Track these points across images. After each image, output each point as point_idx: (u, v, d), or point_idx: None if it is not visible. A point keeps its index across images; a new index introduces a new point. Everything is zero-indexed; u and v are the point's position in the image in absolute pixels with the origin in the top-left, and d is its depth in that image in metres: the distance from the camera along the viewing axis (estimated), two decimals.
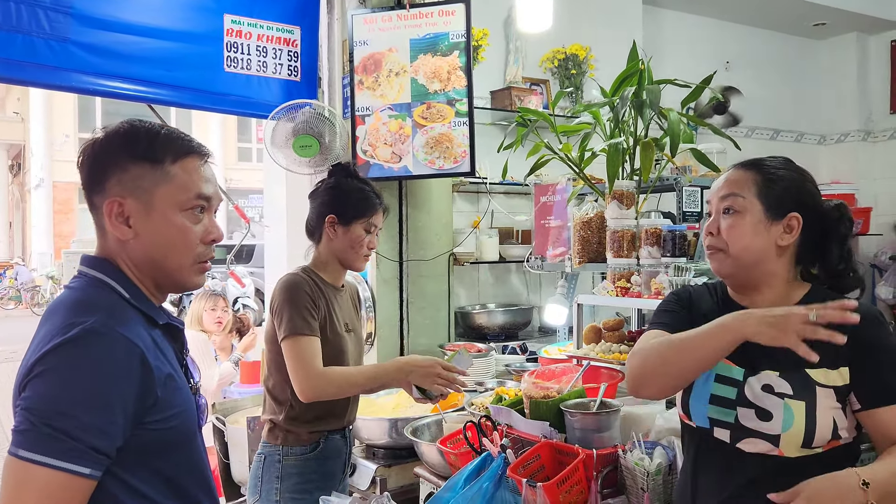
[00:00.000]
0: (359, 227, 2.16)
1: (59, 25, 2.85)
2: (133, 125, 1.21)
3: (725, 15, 5.18)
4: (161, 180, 1.19)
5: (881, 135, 5.69)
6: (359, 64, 3.25)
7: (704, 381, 1.44)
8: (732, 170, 1.50)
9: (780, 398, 1.36)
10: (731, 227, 1.43)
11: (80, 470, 1.01)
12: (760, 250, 1.42)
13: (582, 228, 2.65)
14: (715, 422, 1.43)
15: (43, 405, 1.02)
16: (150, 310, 1.20)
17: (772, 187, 1.43)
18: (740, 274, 1.45)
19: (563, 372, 2.18)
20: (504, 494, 1.86)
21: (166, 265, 1.21)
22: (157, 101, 3.15)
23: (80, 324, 1.06)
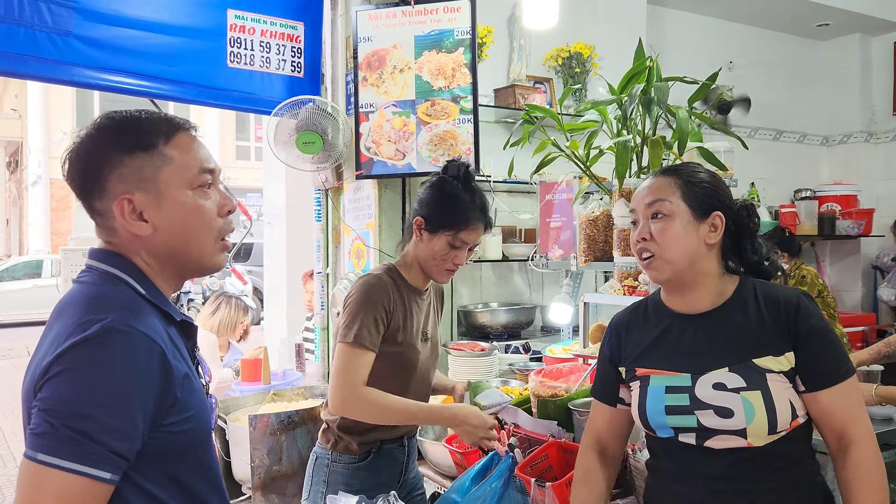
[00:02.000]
0: (443, 239, 1.96)
1: (61, 19, 2.83)
2: (111, 118, 1.16)
3: (728, 15, 5.17)
4: (161, 164, 1.14)
5: (884, 136, 5.68)
6: (363, 60, 3.23)
7: (655, 396, 1.50)
8: (653, 178, 1.57)
9: (735, 393, 1.41)
10: (662, 230, 1.49)
11: (101, 475, 0.98)
12: (693, 250, 1.49)
13: (588, 227, 2.63)
14: (678, 429, 1.48)
15: (62, 407, 0.98)
16: (167, 306, 1.16)
17: (694, 189, 1.51)
18: (677, 277, 1.51)
19: (570, 371, 2.17)
20: (512, 494, 1.84)
21: (190, 250, 1.17)
22: (160, 96, 3.13)
23: (99, 321, 1.01)
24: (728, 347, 1.46)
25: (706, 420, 1.43)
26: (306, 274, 4.15)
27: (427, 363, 2.10)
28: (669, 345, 1.53)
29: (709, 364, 1.46)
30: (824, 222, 5.29)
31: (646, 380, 1.54)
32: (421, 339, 2.06)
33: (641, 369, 1.55)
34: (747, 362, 1.42)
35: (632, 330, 1.62)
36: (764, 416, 1.39)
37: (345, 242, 3.50)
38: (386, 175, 3.23)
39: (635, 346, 1.59)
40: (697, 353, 1.48)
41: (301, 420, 2.74)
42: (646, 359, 1.56)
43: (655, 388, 1.51)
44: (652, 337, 1.57)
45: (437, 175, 2.06)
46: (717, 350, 1.46)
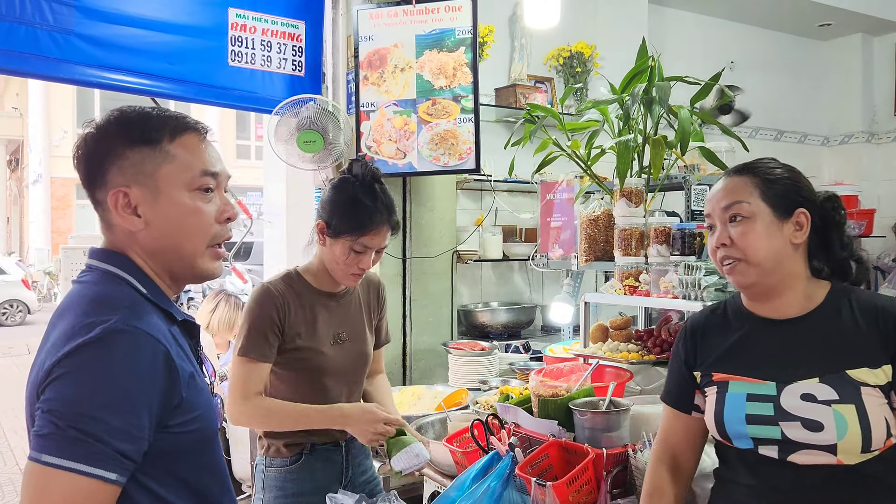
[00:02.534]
0: (345, 244, 1.89)
1: (62, 17, 2.83)
2: (123, 111, 1.15)
3: (730, 14, 5.17)
4: (162, 161, 1.12)
5: (885, 136, 5.67)
6: (364, 59, 3.23)
7: (735, 403, 1.40)
8: (727, 178, 1.47)
9: (826, 405, 1.31)
10: (743, 234, 1.39)
11: (107, 475, 0.96)
12: (779, 251, 1.39)
13: (589, 226, 2.63)
14: (759, 440, 1.38)
15: (67, 408, 0.96)
16: (168, 305, 1.15)
17: (773, 187, 1.41)
18: (763, 281, 1.41)
19: (570, 371, 2.16)
20: (512, 494, 1.84)
21: (182, 251, 1.14)
22: (161, 94, 3.13)
23: (102, 322, 1.00)
24: (819, 357, 1.36)
25: (792, 433, 1.33)
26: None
27: (344, 365, 2.03)
28: (752, 350, 1.44)
29: (797, 373, 1.36)
30: None
31: (724, 385, 1.44)
32: (332, 342, 2.00)
33: (719, 374, 1.46)
34: (840, 373, 1.33)
35: (709, 333, 1.52)
36: (858, 431, 1.29)
37: None
38: (387, 174, 3.19)
39: (713, 349, 1.49)
40: (784, 361, 1.38)
41: None
42: (724, 363, 1.46)
43: (735, 394, 1.41)
44: (732, 341, 1.47)
45: (340, 175, 1.99)
46: (807, 359, 1.36)
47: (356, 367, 2.08)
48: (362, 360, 2.10)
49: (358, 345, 2.07)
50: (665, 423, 1.58)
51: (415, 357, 3.37)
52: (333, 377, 2.01)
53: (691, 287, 2.10)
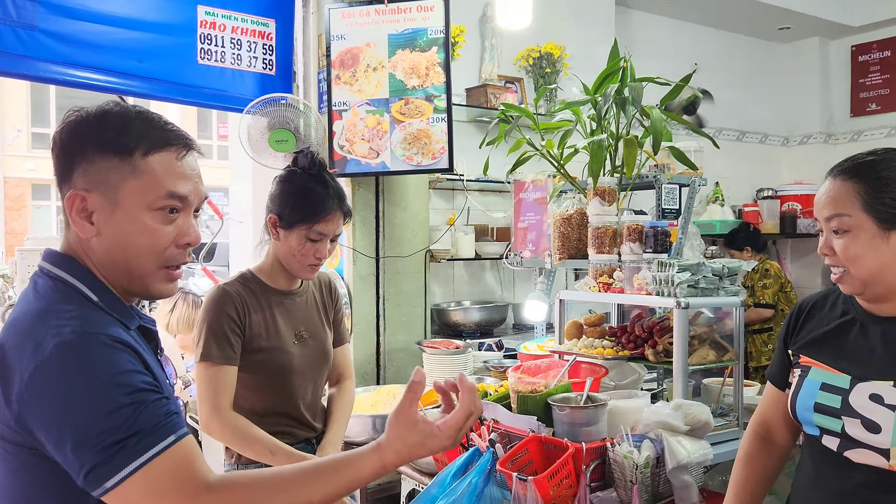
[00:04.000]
0: (300, 234, 1.90)
1: (26, 13, 2.77)
2: (105, 110, 1.10)
3: (694, 17, 5.27)
4: (129, 175, 1.07)
5: (842, 137, 5.84)
6: (336, 58, 3.22)
7: (809, 389, 1.42)
8: (832, 180, 1.37)
9: (891, 410, 1.30)
10: (844, 248, 1.33)
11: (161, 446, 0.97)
12: (884, 265, 1.32)
13: (562, 225, 2.66)
14: (823, 430, 1.39)
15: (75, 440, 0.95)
16: (122, 314, 1.10)
17: (880, 196, 1.31)
18: (870, 291, 1.37)
19: (548, 367, 2.19)
20: (493, 489, 1.85)
21: (129, 269, 1.10)
22: (129, 92, 3.08)
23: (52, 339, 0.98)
24: None
25: (851, 429, 1.34)
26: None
27: (307, 364, 2.03)
28: (842, 341, 1.43)
29: (874, 372, 1.34)
30: (786, 221, 5.43)
31: (806, 370, 1.45)
32: (294, 340, 1.99)
33: (806, 358, 1.47)
34: None
35: (813, 315, 1.51)
36: None
37: None
38: (360, 173, 3.22)
39: (809, 332, 1.49)
40: (867, 357, 1.37)
41: None
42: (813, 348, 1.47)
43: (812, 381, 1.42)
44: (828, 327, 1.46)
45: (287, 168, 1.99)
46: (889, 360, 1.34)
47: (319, 364, 2.08)
48: (325, 358, 2.10)
49: (319, 342, 2.07)
50: (764, 397, 1.63)
51: (388, 356, 3.37)
52: (300, 376, 2.01)
53: (664, 284, 2.15)
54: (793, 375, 1.50)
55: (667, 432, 1.83)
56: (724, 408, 2.26)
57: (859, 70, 5.68)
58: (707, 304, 2.18)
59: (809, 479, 1.46)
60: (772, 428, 1.60)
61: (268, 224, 1.95)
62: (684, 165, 2.65)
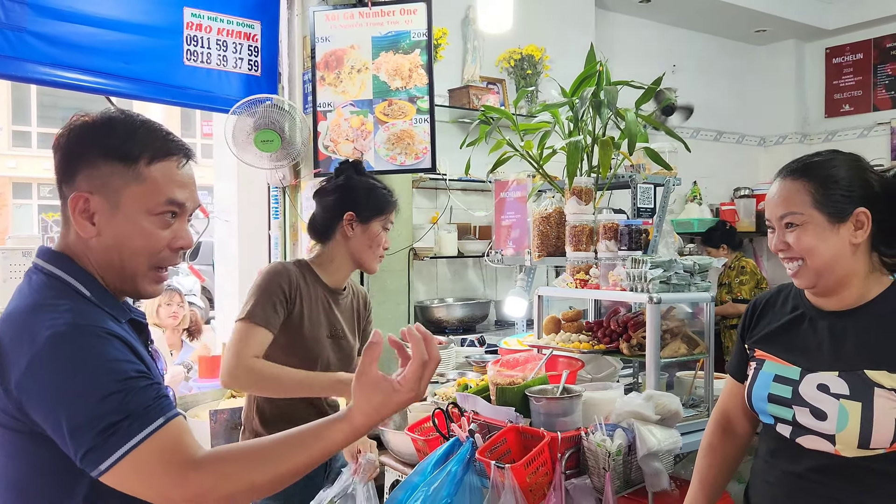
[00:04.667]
0: (377, 225, 2.13)
1: (15, 15, 2.80)
2: (111, 118, 1.16)
3: (672, 20, 5.37)
4: (132, 181, 1.13)
5: (816, 137, 5.98)
6: (321, 60, 3.28)
7: (763, 381, 1.50)
8: (783, 180, 1.45)
9: (835, 398, 1.37)
10: (798, 239, 1.41)
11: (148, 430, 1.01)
12: (835, 255, 1.40)
13: (541, 223, 2.73)
14: (777, 418, 1.48)
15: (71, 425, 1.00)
16: (113, 308, 1.16)
17: (828, 193, 1.40)
18: (822, 283, 1.44)
19: (526, 360, 2.27)
20: (472, 477, 1.93)
21: (123, 269, 1.16)
22: (116, 93, 3.13)
23: (45, 331, 1.03)
24: (846, 352, 1.40)
25: (801, 417, 1.42)
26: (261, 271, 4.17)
27: (336, 360, 2.13)
28: (793, 335, 1.50)
29: (821, 364, 1.42)
30: (761, 219, 5.55)
31: (761, 363, 1.53)
32: (328, 335, 2.10)
33: (760, 351, 1.55)
34: (859, 372, 1.37)
35: (766, 311, 1.60)
36: (857, 427, 1.35)
37: (302, 239, 3.55)
38: None
39: (763, 327, 1.57)
40: (815, 350, 1.45)
41: None
42: (767, 342, 1.55)
43: (766, 373, 1.50)
44: (780, 322, 1.54)
45: (341, 176, 2.17)
46: (835, 352, 1.42)
47: (345, 366, 2.17)
48: (350, 360, 2.20)
49: (349, 345, 2.19)
50: (725, 389, 1.70)
51: None
52: (326, 369, 2.10)
53: (638, 280, 2.23)
54: (749, 368, 1.58)
55: (638, 421, 1.91)
56: (695, 399, 2.35)
57: (833, 72, 5.82)
58: (679, 299, 2.27)
59: (765, 464, 1.55)
60: (732, 418, 1.67)
61: (343, 223, 2.10)
62: (659, 165, 2.74)
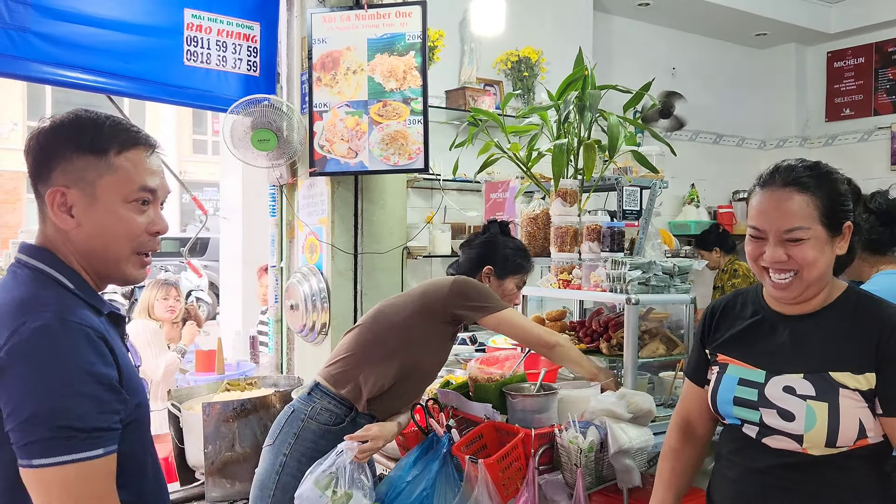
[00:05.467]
0: (511, 283, 2.38)
1: (18, 15, 2.87)
2: (78, 116, 1.22)
3: (672, 23, 5.39)
4: (105, 171, 1.19)
5: (817, 141, 5.99)
6: (317, 61, 3.34)
7: (727, 385, 1.53)
8: (783, 191, 1.43)
9: (802, 400, 1.40)
10: (803, 254, 1.40)
11: (92, 454, 1.07)
12: (826, 266, 1.44)
13: (529, 224, 2.79)
14: (743, 420, 1.51)
15: (29, 413, 1.05)
16: (94, 300, 1.21)
17: (834, 208, 1.42)
18: (807, 293, 1.46)
19: (506, 358, 2.32)
20: (449, 471, 1.99)
21: (107, 256, 1.22)
22: (117, 92, 3.19)
23: (33, 321, 1.08)
24: (809, 354, 1.44)
25: (768, 419, 1.45)
26: (261, 268, 4.25)
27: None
28: (755, 339, 1.53)
29: (786, 366, 1.45)
30: None
31: (724, 367, 1.55)
32: None
33: (723, 356, 1.57)
34: (823, 373, 1.41)
35: (725, 316, 1.61)
36: (825, 427, 1.38)
37: (298, 237, 3.61)
38: (339, 172, 3.34)
39: (724, 332, 1.59)
40: (779, 353, 1.48)
41: (253, 408, 2.83)
42: (729, 347, 1.57)
43: (730, 377, 1.52)
44: (741, 327, 1.56)
45: (488, 234, 2.44)
46: (798, 355, 1.45)
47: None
48: None
49: None
50: (684, 393, 1.73)
51: None
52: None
53: (617, 281, 2.28)
54: (711, 373, 1.60)
55: (610, 419, 1.95)
56: (675, 399, 2.39)
57: (834, 76, 5.82)
58: (657, 300, 2.31)
59: (728, 462, 1.58)
60: (692, 421, 1.69)
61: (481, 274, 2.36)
62: (646, 168, 2.78)
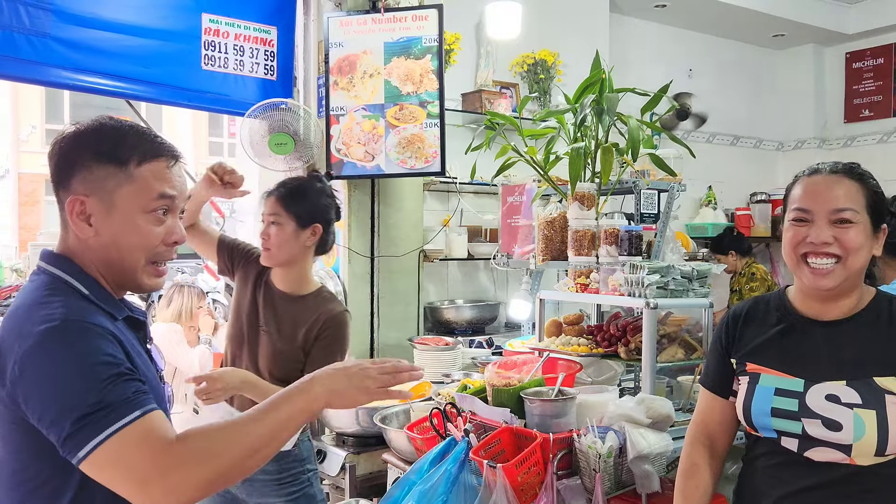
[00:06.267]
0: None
1: (39, 21, 2.91)
2: (102, 124, 1.23)
3: (689, 24, 5.36)
4: (124, 182, 1.20)
5: (836, 143, 5.93)
6: (334, 65, 3.35)
7: (763, 395, 1.48)
8: (835, 175, 1.46)
9: (849, 408, 1.38)
10: (852, 237, 1.41)
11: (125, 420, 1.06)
12: (865, 261, 1.45)
13: (546, 227, 2.77)
14: (781, 433, 1.46)
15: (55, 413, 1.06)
16: (111, 305, 1.22)
17: (876, 201, 1.46)
18: (843, 286, 1.45)
19: (523, 363, 2.31)
20: (466, 476, 1.98)
21: (122, 265, 1.23)
22: (135, 97, 3.23)
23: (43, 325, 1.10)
24: (850, 361, 1.41)
25: (812, 429, 1.40)
26: None
27: None
28: (787, 346, 1.49)
29: (826, 374, 1.42)
30: (778, 225, 5.52)
31: (755, 377, 1.50)
32: None
33: (752, 365, 1.52)
34: (867, 380, 1.39)
35: (749, 323, 1.58)
36: (874, 435, 1.36)
37: None
38: (356, 176, 3.36)
39: (750, 339, 1.55)
40: (816, 360, 1.44)
41: None
42: (759, 355, 1.52)
43: (764, 387, 1.48)
44: (769, 334, 1.53)
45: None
46: (838, 361, 1.42)
47: None
48: None
49: None
50: (702, 405, 1.65)
51: (382, 352, 3.49)
52: None
53: (635, 285, 2.26)
54: (738, 383, 1.56)
55: (629, 424, 1.94)
56: (693, 404, 2.37)
57: (853, 77, 5.77)
58: (676, 304, 2.30)
59: (770, 480, 1.50)
60: (713, 435, 1.64)
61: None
62: (664, 171, 2.76)
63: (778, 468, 1.48)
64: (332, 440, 2.78)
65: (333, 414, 2.67)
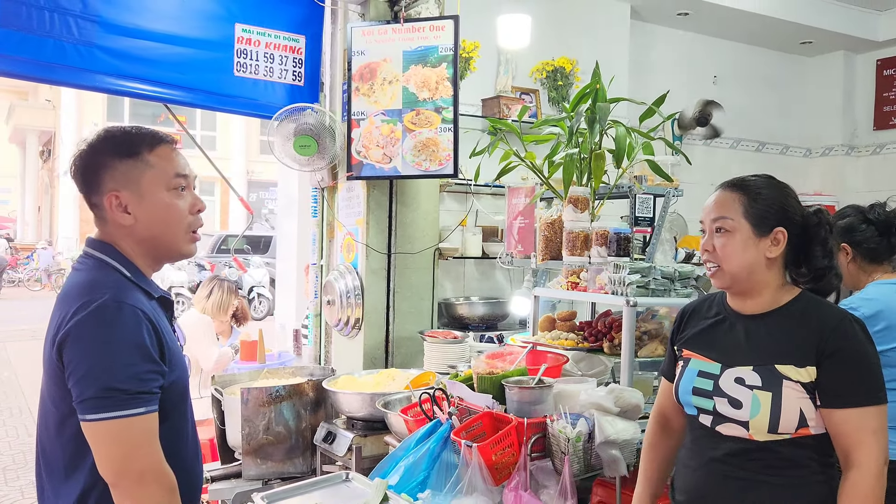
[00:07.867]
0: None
1: (86, 32, 3.19)
2: (109, 131, 1.50)
3: (713, 31, 5.40)
4: (145, 169, 1.46)
5: (864, 150, 5.89)
6: (356, 72, 3.56)
7: (688, 376, 1.70)
8: (720, 191, 1.67)
9: (749, 389, 1.57)
10: (723, 245, 1.62)
11: (135, 411, 1.32)
12: (751, 264, 1.62)
13: (546, 229, 2.93)
14: (700, 409, 1.67)
15: (84, 372, 1.31)
16: (147, 285, 1.47)
17: (756, 206, 1.61)
18: (736, 285, 1.65)
19: (510, 353, 2.48)
20: (448, 454, 2.16)
21: (165, 238, 1.49)
22: (172, 101, 3.49)
23: (96, 300, 1.34)
24: (759, 349, 1.60)
25: (721, 407, 1.61)
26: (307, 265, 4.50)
27: None
28: (716, 336, 1.70)
29: (738, 360, 1.62)
30: None
31: (687, 361, 1.72)
32: None
33: (687, 351, 1.74)
34: (769, 366, 1.56)
35: (693, 317, 1.79)
36: (767, 414, 1.54)
37: (337, 237, 3.84)
38: (374, 176, 3.56)
39: (690, 330, 1.77)
40: (734, 348, 1.64)
41: (287, 394, 3.06)
42: (693, 343, 1.74)
43: (691, 370, 1.70)
44: (705, 325, 1.74)
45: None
46: (750, 350, 1.62)
47: None
48: None
49: None
50: (660, 391, 1.90)
51: (397, 344, 3.68)
52: None
53: (618, 284, 2.41)
54: (677, 368, 1.78)
55: (598, 412, 2.09)
56: None
57: (884, 84, 5.72)
58: (656, 303, 2.43)
59: (688, 451, 1.75)
60: (668, 416, 1.86)
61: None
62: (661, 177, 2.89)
63: (697, 441, 1.70)
64: (343, 423, 2.98)
65: (344, 399, 2.86)
